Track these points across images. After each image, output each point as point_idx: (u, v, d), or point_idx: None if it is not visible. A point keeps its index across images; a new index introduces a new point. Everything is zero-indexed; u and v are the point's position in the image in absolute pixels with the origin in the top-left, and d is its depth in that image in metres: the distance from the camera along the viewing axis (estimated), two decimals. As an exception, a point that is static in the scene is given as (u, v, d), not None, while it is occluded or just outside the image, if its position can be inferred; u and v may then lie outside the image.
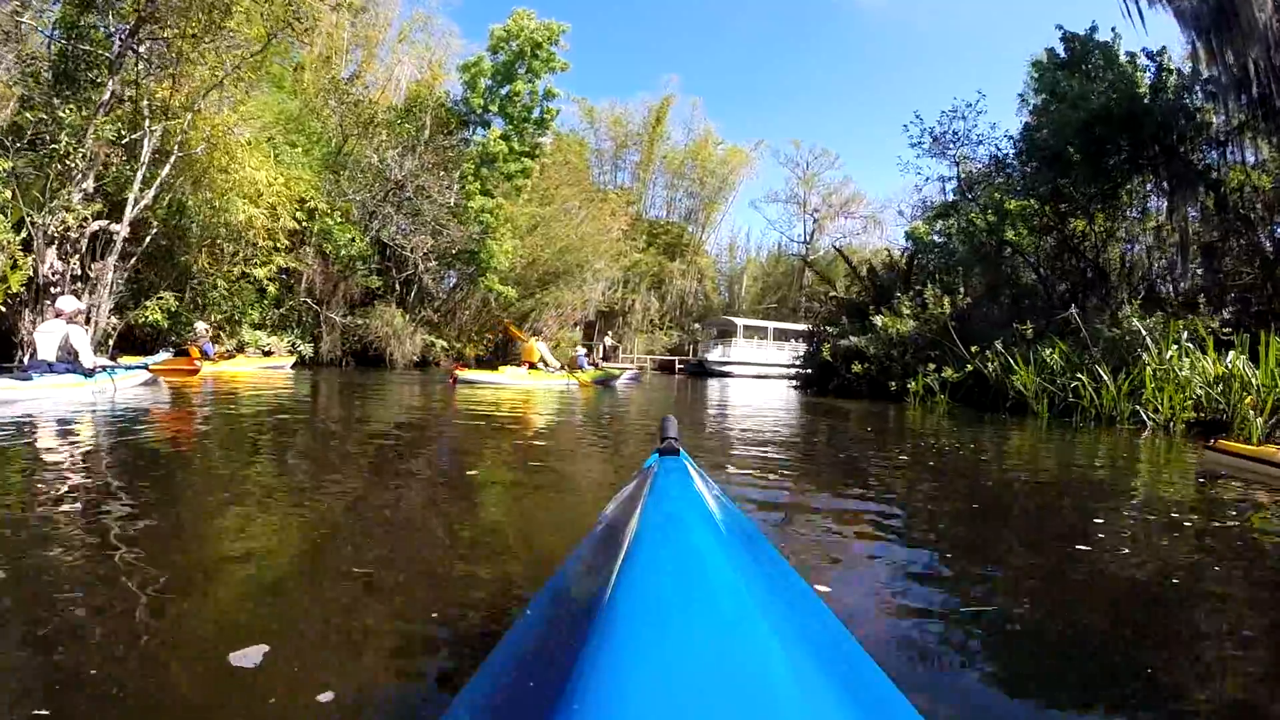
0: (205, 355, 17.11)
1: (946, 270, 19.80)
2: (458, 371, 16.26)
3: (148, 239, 17.55)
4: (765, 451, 6.47)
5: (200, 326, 17.88)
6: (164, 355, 14.77)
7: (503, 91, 30.46)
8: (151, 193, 16.53)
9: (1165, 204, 17.11)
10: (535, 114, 31.11)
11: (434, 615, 2.19)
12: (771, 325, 48.24)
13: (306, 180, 23.11)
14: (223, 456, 5.43)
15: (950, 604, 2.48)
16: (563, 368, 18.54)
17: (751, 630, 0.70)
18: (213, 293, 20.79)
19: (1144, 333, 12.14)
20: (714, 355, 43.62)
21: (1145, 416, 10.89)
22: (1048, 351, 13.12)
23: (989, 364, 14.21)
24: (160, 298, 18.31)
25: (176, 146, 16.76)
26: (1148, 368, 11.40)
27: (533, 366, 17.41)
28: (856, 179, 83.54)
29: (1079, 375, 12.11)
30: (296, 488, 4.27)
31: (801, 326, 49.46)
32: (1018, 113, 30.57)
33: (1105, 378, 11.72)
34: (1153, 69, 16.58)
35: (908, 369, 15.79)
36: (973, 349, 14.58)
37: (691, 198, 60.30)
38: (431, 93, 30.81)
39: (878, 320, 16.94)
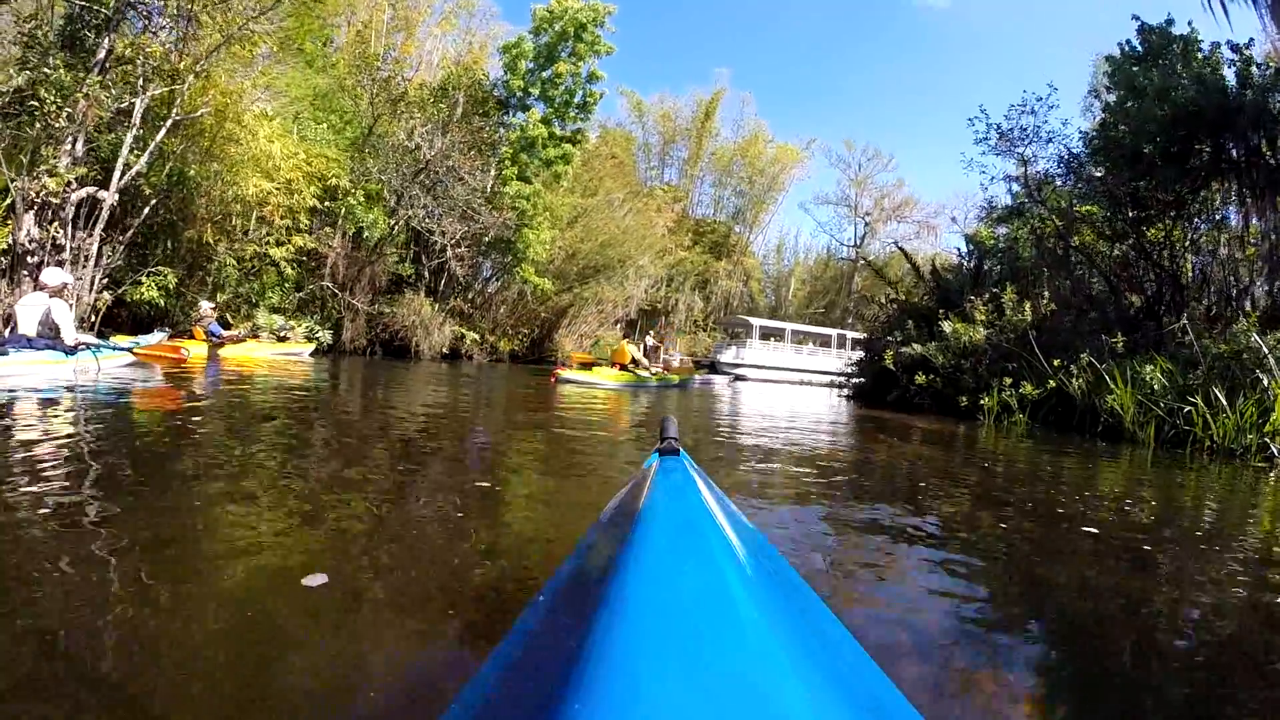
0: (212, 337, 15.98)
1: (1013, 276, 17.97)
2: (559, 371, 16.65)
3: (146, 210, 16.23)
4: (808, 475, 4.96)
5: (205, 306, 16.58)
6: (158, 335, 13.45)
7: (544, 74, 28.94)
8: (145, 159, 15.22)
9: (1243, 211, 15.65)
10: (578, 98, 29.53)
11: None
12: (789, 327, 46.57)
13: (330, 156, 21.80)
14: (214, 447, 4.69)
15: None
16: (646, 367, 18.73)
17: (752, 630, 0.70)
18: (223, 271, 19.45)
19: (1266, 351, 10.30)
20: (726, 357, 41.47)
21: (1275, 450, 9.09)
22: (1149, 369, 11.29)
23: (1074, 380, 12.44)
24: (158, 273, 16.98)
25: (175, 111, 15.43)
26: (1273, 392, 9.64)
27: (623, 368, 17.56)
28: (910, 183, 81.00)
29: (1190, 398, 10.28)
30: (296, 489, 3.61)
31: (824, 330, 48.61)
32: (1084, 113, 28.88)
33: (1222, 402, 9.92)
34: (1239, 64, 14.69)
35: (980, 382, 13.97)
36: (1055, 363, 12.82)
37: (740, 196, 59.00)
38: (467, 71, 29.38)
39: (946, 326, 15.08)
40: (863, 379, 19.25)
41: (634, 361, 18.02)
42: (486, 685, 0.76)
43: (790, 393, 23.47)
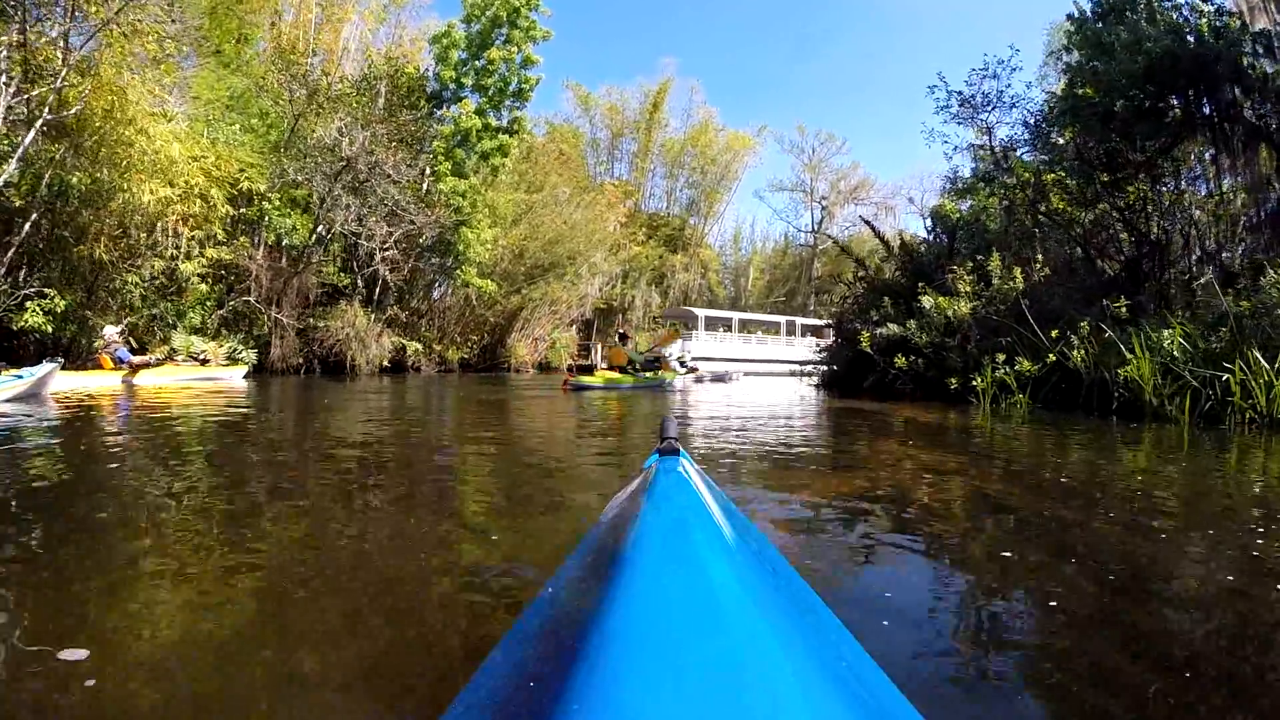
0: (120, 364, 14.46)
1: (986, 248, 16.71)
2: (570, 379, 16.30)
3: (27, 225, 14.41)
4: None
5: (110, 330, 14.93)
6: (49, 366, 11.75)
7: (478, 64, 27.29)
8: (12, 166, 13.43)
9: (1215, 169, 15.07)
10: (513, 86, 27.83)
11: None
12: (736, 315, 45.76)
13: (241, 160, 19.95)
14: (121, 497, 3.88)
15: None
16: (646, 367, 18.95)
17: (751, 631, 0.70)
18: (128, 291, 17.54)
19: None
20: (671, 350, 39.56)
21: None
22: (1165, 334, 9.93)
23: (1075, 352, 11.07)
24: (41, 295, 15.08)
25: (46, 111, 13.66)
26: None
27: (622, 370, 17.51)
28: (865, 165, 79.95)
29: (1226, 364, 8.91)
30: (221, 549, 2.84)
31: (773, 318, 47.74)
32: (1040, 82, 27.92)
33: (1263, 365, 8.57)
34: (1208, 14, 14.00)
35: (970, 361, 12.54)
36: (1053, 334, 11.46)
37: (693, 188, 57.89)
38: (390, 60, 27.59)
39: (926, 301, 13.63)
40: (833, 366, 17.81)
41: (630, 363, 17.91)
42: (485, 687, 0.75)
43: (753, 386, 22.17)
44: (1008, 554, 2.93)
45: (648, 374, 18.43)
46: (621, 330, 29.33)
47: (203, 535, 3.04)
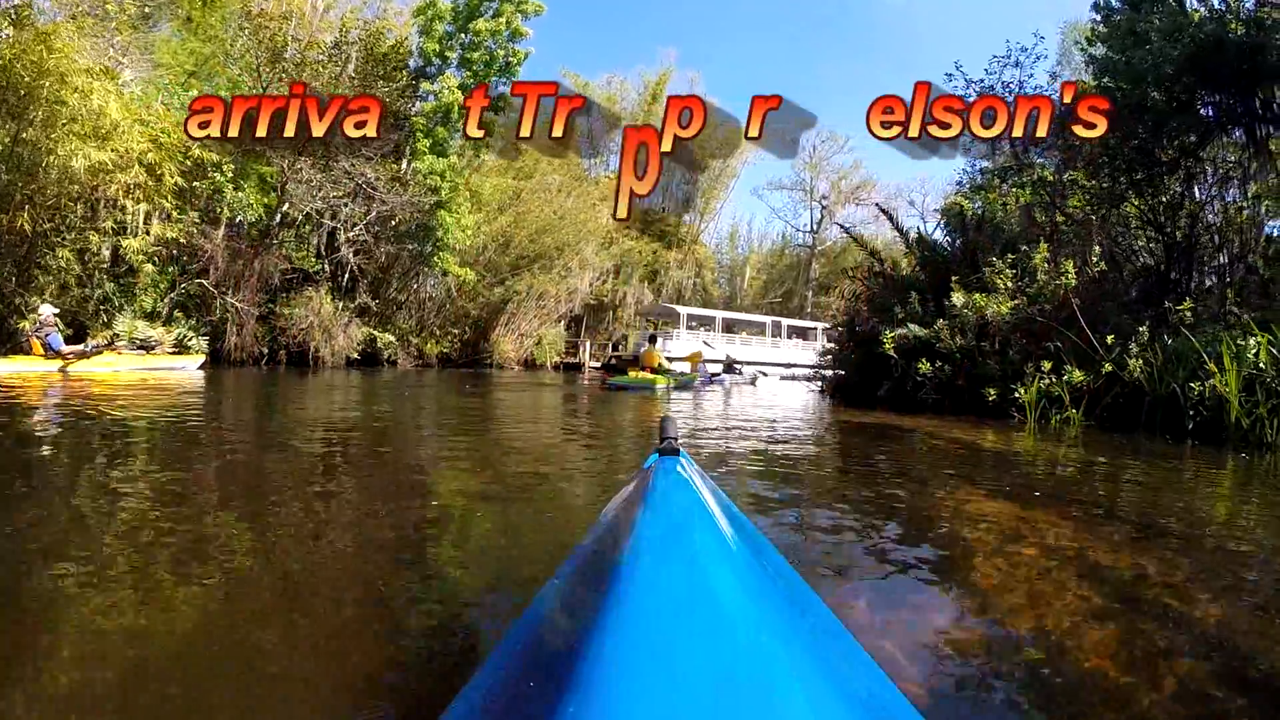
0: (51, 350, 12.87)
1: (1009, 246, 15.18)
2: (608, 379, 18.11)
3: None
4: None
5: (46, 311, 13.24)
6: None
7: (464, 37, 25.75)
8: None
9: (1242, 170, 14.15)
10: (501, 61, 26.22)
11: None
12: (720, 315, 43.76)
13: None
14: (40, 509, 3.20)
15: None
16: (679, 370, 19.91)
17: (751, 630, 0.70)
18: (59, 269, 15.80)
19: None
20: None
21: None
22: (1251, 342, 8.32)
23: (1132, 361, 9.47)
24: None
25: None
26: None
27: (654, 370, 17.89)
28: (868, 164, 78.39)
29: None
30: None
31: (758, 318, 46.33)
32: (1052, 82, 26.87)
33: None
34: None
35: (1009, 370, 10.85)
36: (1109, 340, 9.86)
37: (688, 184, 55.85)
38: (366, 24, 25.80)
39: (958, 298, 11.87)
40: (842, 371, 16.11)
41: (660, 366, 18.32)
42: (484, 687, 0.75)
43: (751, 391, 20.61)
44: None
45: (678, 374, 19.43)
46: (652, 332, 28.64)
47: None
